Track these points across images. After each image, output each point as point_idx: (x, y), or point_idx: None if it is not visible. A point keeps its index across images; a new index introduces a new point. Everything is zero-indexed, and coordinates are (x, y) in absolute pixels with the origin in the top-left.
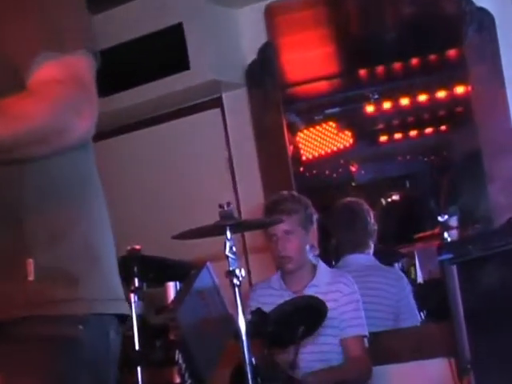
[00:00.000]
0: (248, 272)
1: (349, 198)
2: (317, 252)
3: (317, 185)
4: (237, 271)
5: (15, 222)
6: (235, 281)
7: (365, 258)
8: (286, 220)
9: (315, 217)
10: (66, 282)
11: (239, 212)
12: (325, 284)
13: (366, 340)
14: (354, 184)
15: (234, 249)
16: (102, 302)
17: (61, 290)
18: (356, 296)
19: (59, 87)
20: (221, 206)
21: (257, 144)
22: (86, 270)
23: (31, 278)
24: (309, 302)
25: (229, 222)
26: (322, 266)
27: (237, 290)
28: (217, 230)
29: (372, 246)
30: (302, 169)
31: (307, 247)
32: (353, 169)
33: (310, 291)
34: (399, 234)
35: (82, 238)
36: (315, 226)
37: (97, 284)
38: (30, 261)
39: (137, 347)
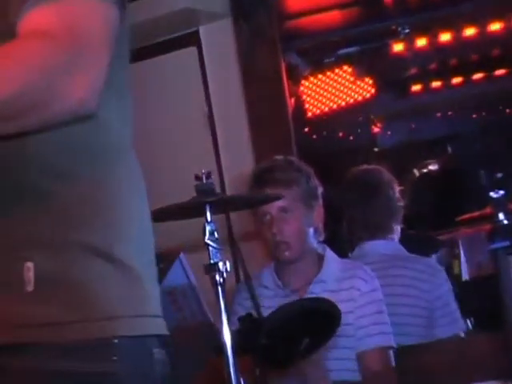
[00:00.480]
0: (235, 266)
1: (365, 166)
2: (322, 237)
3: (326, 150)
4: (220, 265)
5: (12, 208)
6: (218, 277)
7: (387, 246)
8: (281, 194)
9: (320, 190)
10: (82, 293)
11: (222, 186)
12: (335, 279)
13: (391, 353)
14: (376, 149)
15: (215, 235)
16: (139, 321)
17: (75, 305)
18: (377, 294)
19: (40, 43)
20: (197, 178)
21: (245, 95)
22: (111, 277)
23: (30, 288)
24: (315, 304)
25: (208, 198)
26: (330, 255)
27: (220, 289)
28: (192, 210)
29: (397, 229)
30: (306, 129)
31: (310, 230)
32: (375, 129)
33: (315, 289)
34: (438, 215)
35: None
36: (320, 202)
37: (130, 296)
38: (29, 265)
39: None
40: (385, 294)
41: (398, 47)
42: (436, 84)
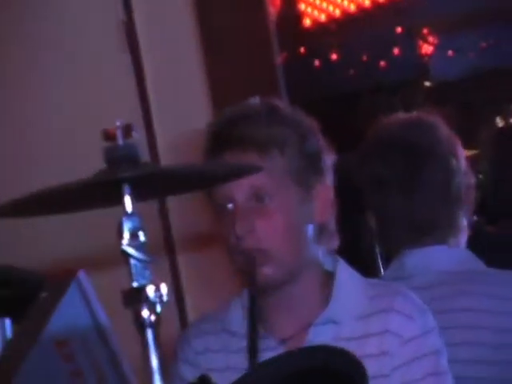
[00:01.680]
0: (176, 291)
1: (406, 115)
2: (333, 242)
3: (337, 89)
4: (149, 290)
5: None
6: (146, 313)
7: (447, 257)
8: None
9: (330, 160)
10: None
11: (154, 152)
12: (355, 317)
13: None
14: (427, 84)
15: (141, 237)
16: None
17: None
18: (433, 342)
19: None
20: (108, 136)
21: None
22: None
23: None
24: (317, 362)
25: (127, 171)
26: (344, 273)
27: (149, 334)
28: (98, 195)
29: (464, 227)
30: (302, 48)
31: (309, 230)
32: (425, 48)
33: (318, 336)
34: None
35: None
36: (328, 180)
37: None
38: None
39: None
40: (446, 336)
41: None
42: None
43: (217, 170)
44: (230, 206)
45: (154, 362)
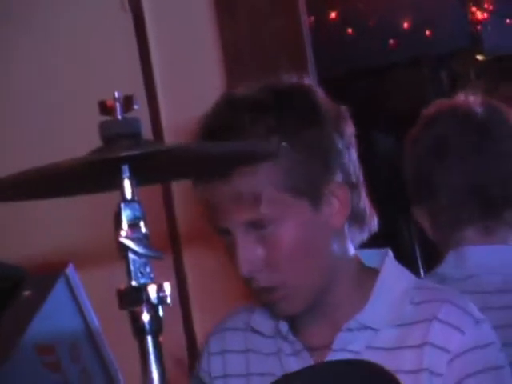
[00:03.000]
0: (181, 293)
1: (460, 97)
2: (373, 227)
3: (373, 60)
4: (150, 290)
5: None
6: (145, 317)
7: None
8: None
9: (347, 138)
10: None
11: (158, 129)
12: (394, 324)
13: None
14: (481, 56)
15: (142, 228)
16: None
17: None
18: (490, 357)
19: None
20: (104, 108)
21: None
22: None
23: None
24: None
25: (126, 149)
26: (389, 271)
27: (150, 341)
28: (93, 175)
29: None
30: (332, 14)
31: (327, 238)
32: (478, 16)
33: (348, 345)
34: None
35: None
36: (341, 173)
37: None
38: None
39: None
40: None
41: None
42: None
43: (231, 150)
44: (228, 240)
45: (155, 374)
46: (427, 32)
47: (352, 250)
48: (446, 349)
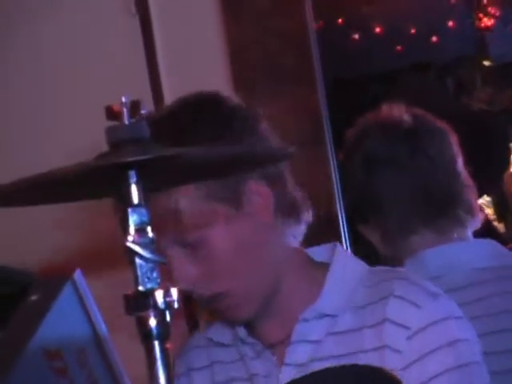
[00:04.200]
0: (187, 299)
1: (384, 111)
2: (308, 216)
3: (379, 65)
4: (157, 295)
5: None
6: (152, 322)
7: (473, 253)
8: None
9: (263, 126)
10: None
11: None
12: (351, 308)
13: None
14: (487, 62)
15: (149, 232)
16: None
17: None
18: (449, 330)
19: None
20: (111, 113)
21: None
22: None
23: None
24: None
25: (133, 154)
26: (340, 262)
27: (157, 346)
28: (99, 182)
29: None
30: (339, 19)
31: (259, 236)
32: (484, 22)
33: (310, 331)
34: None
35: None
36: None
37: None
38: None
39: None
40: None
41: None
42: None
43: (240, 154)
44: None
45: (162, 379)
46: (433, 38)
47: (293, 244)
48: (404, 325)
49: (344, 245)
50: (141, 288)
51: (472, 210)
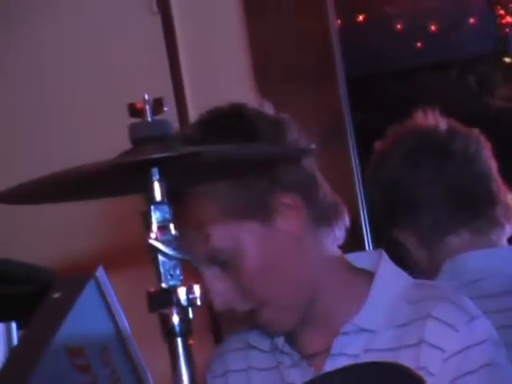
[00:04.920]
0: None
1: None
2: (346, 222)
3: (400, 62)
4: (180, 292)
5: None
6: (175, 319)
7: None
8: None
9: (291, 134)
10: None
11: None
12: (392, 325)
13: None
14: (509, 59)
15: (172, 230)
16: None
17: None
18: (483, 354)
19: None
20: (134, 110)
21: None
22: None
23: None
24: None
25: (156, 151)
26: (385, 272)
27: (180, 343)
28: (121, 179)
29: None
30: (361, 16)
31: (292, 249)
32: (506, 19)
33: (345, 348)
34: None
35: None
36: (288, 182)
37: None
38: None
39: None
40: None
41: None
42: None
43: (263, 153)
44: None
45: (185, 376)
46: (454, 35)
47: (332, 252)
48: (440, 347)
49: (366, 246)
50: (164, 285)
51: (509, 213)
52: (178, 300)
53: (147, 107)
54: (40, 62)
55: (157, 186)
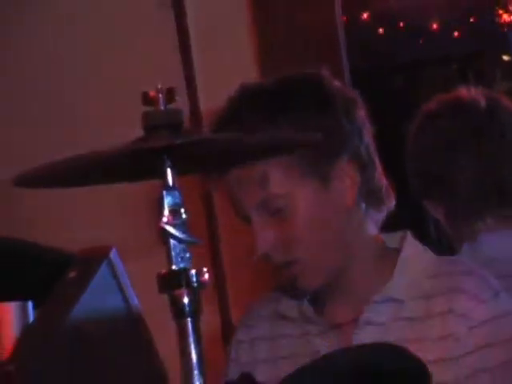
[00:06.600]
0: (219, 283)
1: (464, 90)
2: (390, 204)
3: (402, 57)
4: (190, 274)
5: None
6: (185, 300)
7: None
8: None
9: (359, 120)
10: None
11: (197, 120)
12: (418, 296)
13: None
14: (507, 57)
15: (183, 214)
16: None
17: None
18: (510, 326)
19: None
20: (147, 99)
21: None
22: None
23: None
24: (374, 365)
25: (168, 138)
26: (409, 249)
27: (189, 323)
28: (134, 165)
29: None
30: (364, 14)
31: (340, 215)
32: (504, 17)
33: (376, 317)
34: None
35: None
36: (349, 152)
37: None
38: None
39: None
40: None
41: None
42: None
43: (270, 140)
44: (248, 223)
45: (194, 355)
46: (455, 33)
47: (372, 230)
48: (468, 316)
49: None
50: (174, 267)
51: None
52: (188, 282)
53: (160, 96)
54: (57, 53)
55: (168, 173)
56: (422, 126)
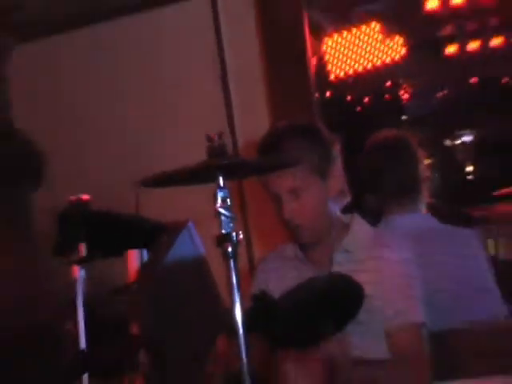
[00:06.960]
0: (247, 241)
1: (391, 130)
2: (346, 199)
3: (350, 117)
4: (233, 235)
5: None
6: (230, 249)
7: (422, 219)
8: (288, 172)
9: (335, 150)
10: None
11: (235, 149)
12: (361, 247)
13: (422, 331)
14: (404, 117)
15: (228, 202)
16: None
17: None
18: (408, 267)
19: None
20: (209, 139)
21: (263, 52)
22: None
23: None
24: (332, 284)
25: (220, 161)
26: (357, 222)
27: (232, 263)
28: (203, 174)
29: (423, 202)
30: (328, 92)
31: (328, 202)
32: (404, 95)
33: (339, 259)
34: (470, 191)
35: None
36: (338, 163)
37: None
38: None
39: (82, 346)
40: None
41: (432, 3)
42: (474, 45)
43: (270, 162)
44: (277, 200)
45: (234, 280)
46: (377, 104)
47: (337, 211)
48: (388, 258)
49: None
50: (223, 231)
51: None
52: (232, 239)
53: (216, 137)
54: (122, 81)
55: (220, 179)
56: (367, 153)
